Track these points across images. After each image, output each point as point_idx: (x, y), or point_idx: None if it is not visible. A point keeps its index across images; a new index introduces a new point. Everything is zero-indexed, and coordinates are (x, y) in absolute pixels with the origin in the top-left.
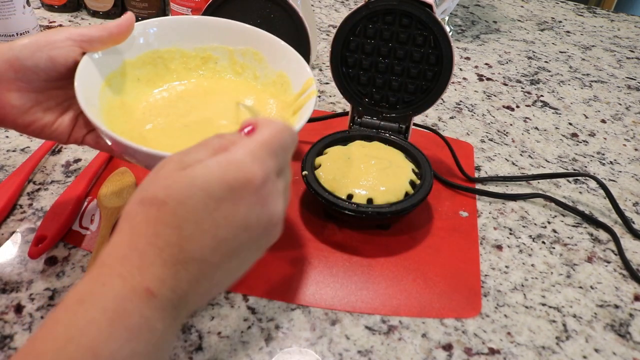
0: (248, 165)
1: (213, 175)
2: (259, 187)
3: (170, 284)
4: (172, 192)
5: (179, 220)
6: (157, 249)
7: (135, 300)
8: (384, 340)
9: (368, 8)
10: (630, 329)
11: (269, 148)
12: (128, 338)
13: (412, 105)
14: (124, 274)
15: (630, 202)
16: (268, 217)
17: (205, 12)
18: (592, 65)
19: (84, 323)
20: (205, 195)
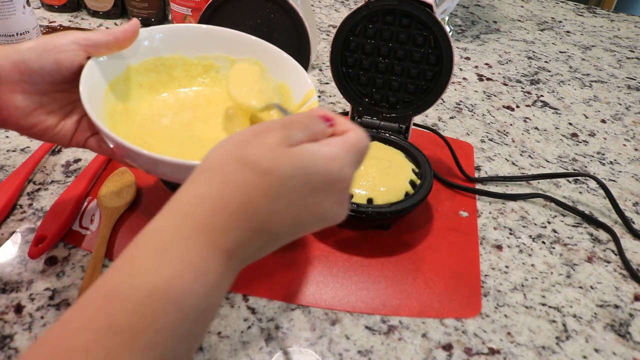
0: (345, 167)
1: (317, 165)
2: (345, 188)
3: (244, 248)
4: (277, 166)
5: (275, 194)
6: (246, 214)
7: (216, 259)
8: (384, 340)
9: (368, 8)
10: (630, 329)
11: (357, 154)
12: (206, 295)
13: (412, 105)
14: (210, 231)
15: (630, 202)
16: (339, 217)
17: (205, 12)
18: (592, 65)
19: (171, 276)
20: (305, 180)
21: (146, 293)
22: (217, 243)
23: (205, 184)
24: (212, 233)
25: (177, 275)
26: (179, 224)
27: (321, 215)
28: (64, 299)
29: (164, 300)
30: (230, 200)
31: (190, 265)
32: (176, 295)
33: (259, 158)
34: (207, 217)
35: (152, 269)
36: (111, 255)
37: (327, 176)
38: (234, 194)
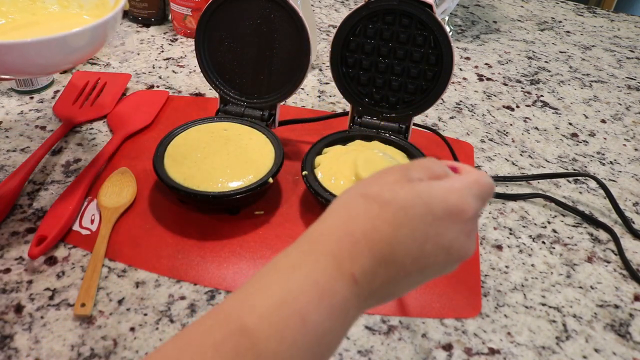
0: (466, 197)
1: (436, 195)
2: (470, 219)
3: (369, 278)
4: (397, 196)
5: (398, 222)
6: (370, 242)
7: (341, 282)
8: (384, 340)
9: (368, 8)
10: (630, 329)
11: (480, 189)
12: (330, 315)
13: (412, 105)
14: (336, 255)
15: (630, 202)
16: (467, 249)
17: (206, 12)
18: (592, 65)
19: (297, 290)
20: (426, 210)
21: (274, 303)
22: (343, 267)
23: (333, 218)
24: (338, 258)
25: (304, 291)
26: (306, 249)
27: (447, 247)
28: (64, 299)
29: (289, 311)
30: (355, 228)
31: (315, 284)
32: (301, 309)
33: (380, 191)
34: (333, 243)
35: (282, 283)
36: (111, 255)
37: (448, 205)
38: (358, 223)
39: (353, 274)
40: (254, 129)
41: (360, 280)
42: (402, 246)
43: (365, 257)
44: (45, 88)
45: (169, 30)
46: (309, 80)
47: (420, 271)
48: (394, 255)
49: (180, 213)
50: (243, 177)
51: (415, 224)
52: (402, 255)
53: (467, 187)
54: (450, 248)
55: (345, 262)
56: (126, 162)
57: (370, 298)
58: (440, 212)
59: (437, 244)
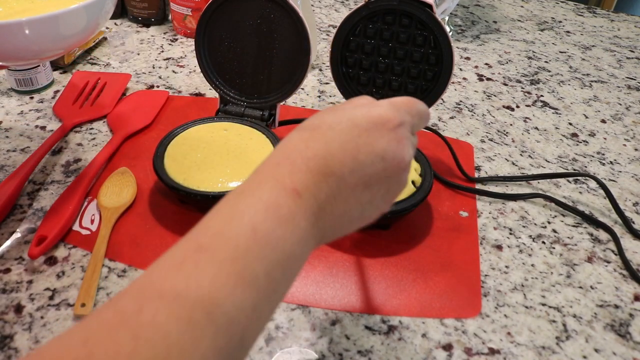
0: (388, 110)
1: (359, 111)
2: (396, 127)
3: (312, 190)
4: (324, 119)
5: (327, 139)
6: (306, 159)
7: (284, 197)
8: (384, 340)
9: (368, 8)
10: (630, 329)
11: (408, 107)
12: (278, 223)
13: None
14: (277, 177)
15: (630, 202)
16: (401, 156)
17: (206, 12)
18: (592, 65)
19: (244, 207)
20: (352, 124)
21: (224, 220)
22: (284, 184)
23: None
24: (278, 178)
25: (250, 206)
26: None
27: (380, 154)
28: (64, 299)
29: (239, 224)
30: (291, 152)
31: (260, 201)
32: (249, 220)
33: (310, 121)
34: (273, 168)
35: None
36: (111, 255)
37: (371, 116)
38: (294, 147)
39: (294, 188)
40: (254, 129)
41: (303, 193)
42: (336, 158)
43: (303, 173)
44: (45, 88)
45: (169, 30)
46: (309, 80)
47: (364, 185)
48: (330, 168)
49: (180, 213)
50: (243, 177)
51: (344, 137)
52: (339, 166)
53: (389, 103)
54: (384, 155)
55: (285, 180)
56: (126, 162)
57: (320, 213)
58: (365, 124)
59: (369, 153)
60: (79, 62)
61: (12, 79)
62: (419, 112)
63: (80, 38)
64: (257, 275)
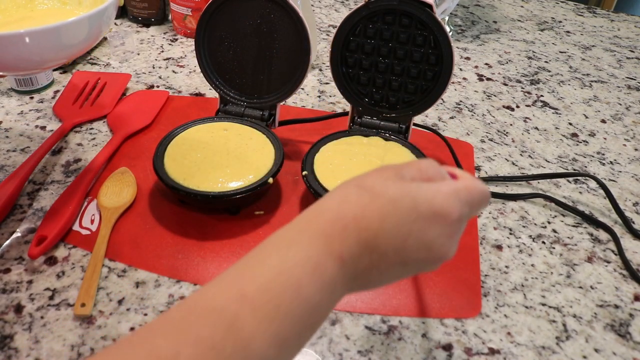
0: (452, 201)
1: (423, 195)
2: (453, 222)
3: (355, 261)
4: (388, 189)
5: (385, 213)
6: (358, 228)
7: (330, 260)
8: (384, 340)
9: (368, 8)
10: (630, 329)
11: (471, 196)
12: (320, 289)
13: (412, 105)
14: (328, 235)
15: (630, 202)
16: (447, 250)
17: (206, 12)
18: (592, 65)
19: (293, 264)
20: (412, 206)
21: (272, 274)
22: (333, 248)
23: (328, 202)
24: (329, 239)
25: (299, 265)
26: (302, 227)
27: (428, 244)
28: (64, 299)
29: (286, 282)
30: (347, 213)
31: (309, 260)
32: (296, 280)
33: (373, 184)
34: (326, 224)
35: (280, 256)
36: (111, 255)
37: (433, 205)
38: (350, 208)
39: (341, 255)
40: (254, 129)
41: (347, 261)
42: (386, 236)
43: (353, 241)
44: (45, 88)
45: (169, 30)
46: (309, 80)
47: (402, 264)
48: (377, 244)
49: (180, 213)
50: (243, 177)
51: (401, 218)
52: (385, 244)
53: (455, 192)
54: (432, 246)
55: (335, 243)
56: (126, 162)
57: (354, 280)
58: (424, 211)
59: (418, 240)
60: (79, 62)
61: (12, 79)
62: (480, 201)
63: (82, 47)
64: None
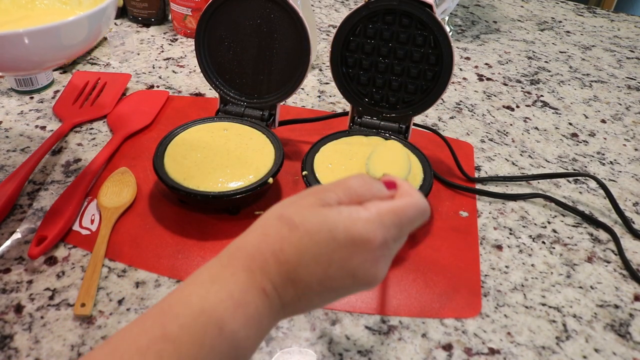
0: (373, 228)
1: (341, 223)
2: (376, 248)
3: (279, 292)
4: (305, 220)
5: (303, 246)
6: (277, 262)
7: (253, 294)
8: (384, 340)
9: (368, 8)
10: (630, 329)
11: (398, 218)
12: (245, 323)
13: (412, 105)
14: (249, 270)
15: (630, 202)
16: (374, 275)
17: (206, 12)
18: (592, 65)
19: (216, 301)
20: (330, 236)
21: (195, 313)
22: (255, 281)
23: (250, 235)
24: (250, 272)
25: (221, 301)
26: (225, 263)
27: (352, 272)
28: (64, 299)
29: (208, 320)
30: (266, 248)
31: (231, 296)
32: (218, 318)
33: (293, 214)
34: (247, 259)
35: (202, 294)
36: (111, 255)
37: (352, 234)
38: (269, 243)
39: (264, 288)
40: (254, 129)
41: (270, 294)
42: (306, 269)
43: (274, 274)
44: (45, 88)
45: (169, 30)
46: (309, 80)
47: (330, 290)
48: (299, 276)
49: (180, 213)
50: (243, 177)
51: (319, 249)
52: (307, 275)
53: (377, 216)
54: (356, 273)
55: (256, 277)
56: (126, 162)
57: (283, 309)
58: (343, 240)
59: (342, 269)
60: (79, 62)
61: (12, 79)
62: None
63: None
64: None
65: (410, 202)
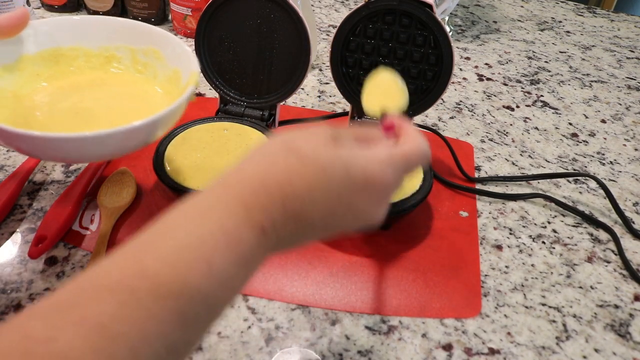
0: (386, 170)
1: (357, 162)
2: (385, 190)
3: (277, 229)
4: (319, 156)
5: (314, 181)
6: (284, 196)
7: (249, 232)
8: (384, 340)
9: (368, 8)
10: (630, 329)
11: (407, 163)
12: (236, 262)
13: (412, 105)
14: (248, 205)
15: (630, 202)
16: (376, 215)
17: (206, 12)
18: (592, 65)
19: (205, 236)
20: (345, 173)
21: (179, 246)
22: (254, 218)
23: (252, 165)
24: (249, 208)
25: (211, 236)
26: (220, 194)
27: (357, 211)
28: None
29: (195, 255)
30: (272, 180)
31: (224, 231)
32: (207, 254)
33: (304, 146)
34: (247, 193)
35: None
36: None
37: (366, 174)
38: (275, 175)
39: (263, 226)
40: (254, 129)
41: (268, 232)
42: (314, 206)
43: (277, 211)
44: None
45: (169, 30)
46: (309, 80)
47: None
48: (304, 212)
49: None
50: None
51: (331, 186)
52: (312, 213)
53: (390, 158)
54: (359, 214)
55: (255, 213)
56: (126, 162)
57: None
58: (356, 178)
59: (349, 207)
60: None
61: None
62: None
63: (139, 147)
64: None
65: (416, 148)
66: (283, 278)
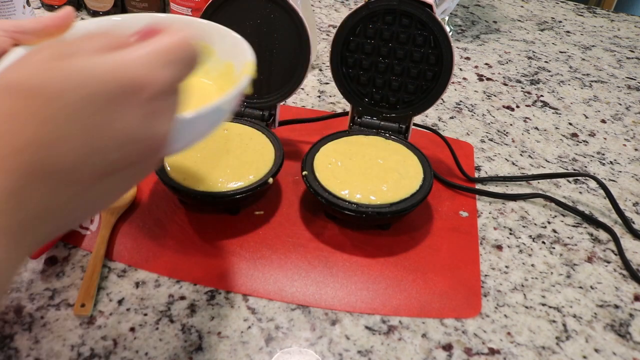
0: (142, 70)
1: (98, 72)
2: (150, 98)
3: (20, 198)
4: (48, 80)
5: (48, 116)
6: (13, 150)
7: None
8: (384, 340)
9: (368, 8)
10: (630, 329)
11: (168, 56)
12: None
13: (412, 105)
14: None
15: (630, 202)
16: (157, 134)
17: (206, 12)
18: (592, 65)
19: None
20: (91, 91)
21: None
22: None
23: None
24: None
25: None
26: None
27: (130, 136)
28: (64, 299)
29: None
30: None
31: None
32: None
33: (28, 77)
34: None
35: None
36: (111, 255)
37: (117, 84)
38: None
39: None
40: (254, 129)
41: (3, 205)
42: (62, 148)
43: (8, 173)
44: None
45: None
46: (309, 80)
47: (104, 175)
48: (49, 158)
49: (180, 213)
50: (243, 177)
51: (74, 114)
52: (62, 155)
53: (145, 57)
54: (134, 136)
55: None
56: None
57: (31, 224)
58: (106, 94)
59: (112, 137)
60: None
61: None
62: (185, 58)
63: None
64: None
65: (178, 38)
66: (283, 278)
